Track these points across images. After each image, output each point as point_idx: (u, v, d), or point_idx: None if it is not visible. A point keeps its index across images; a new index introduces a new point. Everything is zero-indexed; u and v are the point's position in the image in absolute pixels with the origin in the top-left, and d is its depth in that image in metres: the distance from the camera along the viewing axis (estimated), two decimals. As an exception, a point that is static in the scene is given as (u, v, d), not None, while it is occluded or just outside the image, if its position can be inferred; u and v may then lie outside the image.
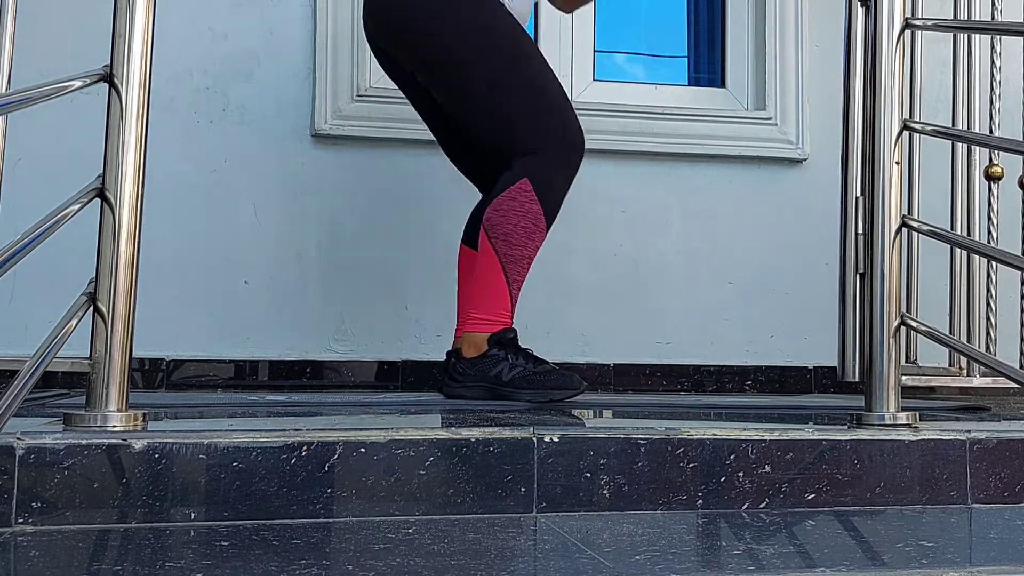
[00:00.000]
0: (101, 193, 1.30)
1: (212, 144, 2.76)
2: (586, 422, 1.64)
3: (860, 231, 1.60)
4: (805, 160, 3.07)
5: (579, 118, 2.25)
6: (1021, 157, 2.45)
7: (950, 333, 2.32)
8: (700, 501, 1.35)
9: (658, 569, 1.02)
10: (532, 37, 2.45)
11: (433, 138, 2.75)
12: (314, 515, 1.24)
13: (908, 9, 1.63)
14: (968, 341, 2.32)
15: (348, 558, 1.06)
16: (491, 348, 2.09)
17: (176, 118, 2.73)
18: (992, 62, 2.43)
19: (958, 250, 2.38)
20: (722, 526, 1.28)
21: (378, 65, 2.87)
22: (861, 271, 1.59)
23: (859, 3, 1.65)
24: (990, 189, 2.42)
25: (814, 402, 2.36)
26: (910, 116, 2.34)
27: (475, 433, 1.31)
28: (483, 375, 2.08)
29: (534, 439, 1.31)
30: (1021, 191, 2.47)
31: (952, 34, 2.47)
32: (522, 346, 2.13)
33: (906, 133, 1.63)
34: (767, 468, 1.37)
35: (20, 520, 1.15)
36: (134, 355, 1.33)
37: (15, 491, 1.16)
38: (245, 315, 2.75)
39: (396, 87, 2.85)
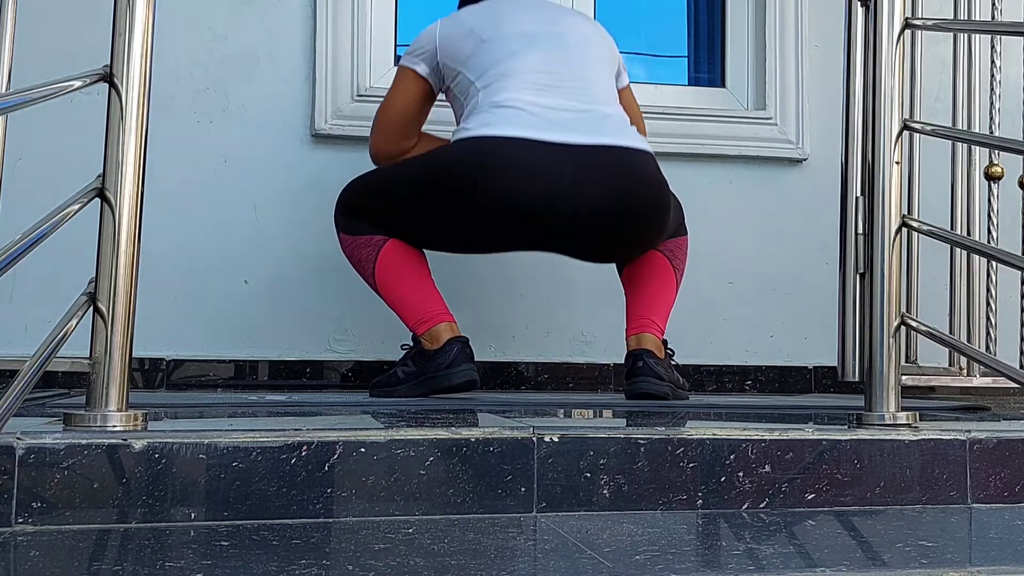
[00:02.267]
0: (101, 193, 1.30)
1: (212, 144, 2.76)
2: (586, 422, 1.64)
3: (860, 231, 1.60)
4: (805, 160, 3.07)
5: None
6: (1021, 157, 2.45)
7: (950, 333, 2.32)
8: (700, 501, 1.35)
9: (658, 569, 1.02)
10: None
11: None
12: (314, 515, 1.24)
13: (908, 9, 1.63)
14: (968, 341, 2.32)
15: (348, 558, 1.06)
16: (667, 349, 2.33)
17: (176, 118, 2.73)
18: (992, 62, 2.43)
19: (958, 250, 2.38)
20: (722, 526, 1.28)
21: (377, 65, 2.89)
22: (861, 271, 1.59)
23: (859, 3, 1.65)
24: (990, 189, 2.42)
25: (814, 402, 2.36)
26: (910, 116, 2.34)
27: (475, 433, 1.31)
28: (671, 375, 2.27)
29: (534, 439, 1.31)
30: (1021, 191, 2.47)
31: (952, 34, 2.47)
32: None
33: (906, 133, 1.63)
34: (767, 468, 1.37)
35: (20, 520, 1.15)
36: (134, 355, 1.33)
37: (15, 491, 1.16)
38: (245, 315, 2.75)
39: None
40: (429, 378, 2.14)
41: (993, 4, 2.45)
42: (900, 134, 1.58)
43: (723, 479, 1.35)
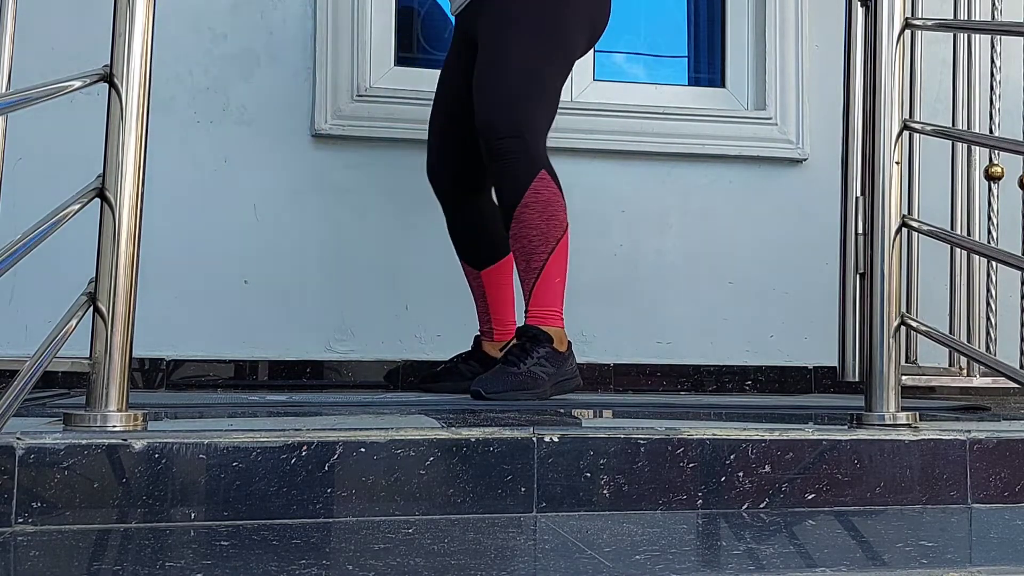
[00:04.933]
0: (101, 193, 1.30)
1: (212, 144, 2.76)
2: (586, 422, 1.64)
3: (860, 231, 1.60)
4: (805, 160, 3.07)
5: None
6: (1021, 157, 2.45)
7: (950, 333, 2.32)
8: (700, 501, 1.35)
9: (658, 569, 1.02)
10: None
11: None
12: (314, 515, 1.24)
13: (908, 9, 1.63)
14: (968, 341, 2.31)
15: (348, 558, 1.06)
16: None
17: (176, 118, 2.73)
18: (992, 62, 2.43)
19: (958, 250, 2.38)
20: (722, 526, 1.28)
21: (378, 65, 2.89)
22: (861, 271, 1.59)
23: (859, 3, 1.65)
24: (990, 189, 2.42)
25: (814, 402, 2.36)
26: (910, 116, 2.34)
27: (475, 433, 1.31)
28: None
29: (534, 439, 1.31)
30: (1021, 191, 2.46)
31: (952, 34, 2.47)
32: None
33: (906, 133, 1.63)
34: (767, 468, 1.37)
35: (20, 520, 1.15)
36: (134, 355, 1.33)
37: (15, 491, 1.16)
38: (245, 315, 2.75)
39: (396, 87, 2.86)
40: (566, 381, 2.18)
41: (993, 4, 2.45)
42: (900, 134, 1.58)
43: (723, 479, 1.35)
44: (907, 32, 1.63)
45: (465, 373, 2.38)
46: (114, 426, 1.26)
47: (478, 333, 2.46)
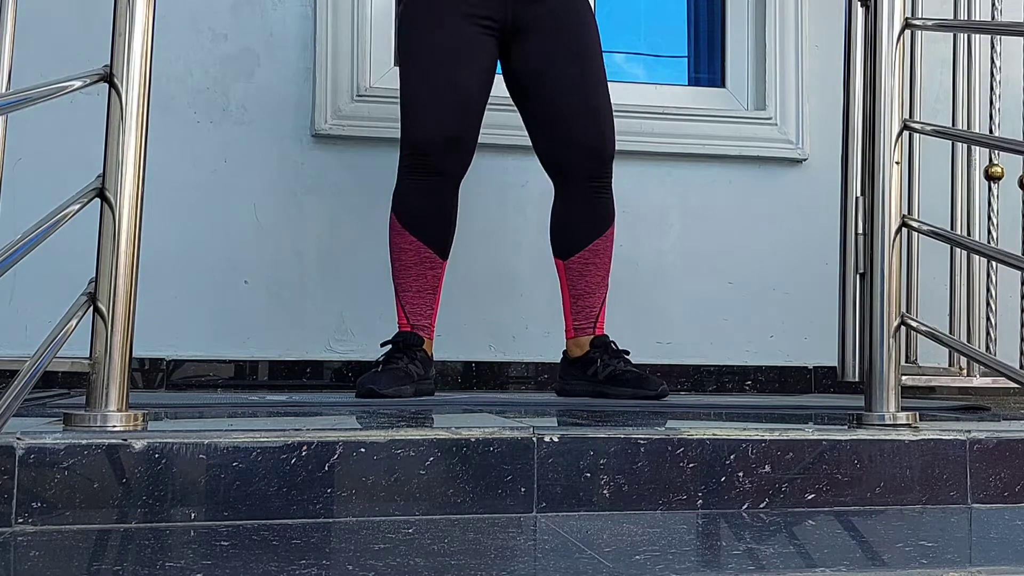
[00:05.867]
0: (101, 193, 1.30)
1: (212, 144, 2.76)
2: (586, 422, 1.63)
3: (860, 231, 1.60)
4: (805, 160, 3.07)
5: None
6: (1021, 157, 2.45)
7: (950, 333, 2.32)
8: (700, 501, 1.35)
9: (658, 569, 1.02)
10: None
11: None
12: (314, 515, 1.24)
13: (908, 9, 1.63)
14: (968, 341, 2.32)
15: (348, 558, 1.06)
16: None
17: (176, 118, 2.73)
18: (992, 62, 2.43)
19: (958, 250, 2.38)
20: (722, 526, 1.28)
21: (378, 65, 2.89)
22: (861, 271, 1.59)
23: (859, 3, 1.65)
24: (990, 189, 2.42)
25: (814, 402, 2.36)
26: (910, 116, 2.34)
27: (475, 433, 1.31)
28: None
29: (534, 439, 1.31)
30: (1021, 191, 2.47)
31: (952, 34, 2.47)
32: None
33: (906, 133, 1.63)
34: (767, 468, 1.37)
35: (20, 520, 1.15)
36: (134, 355, 1.33)
37: (15, 491, 1.16)
38: (245, 315, 2.75)
39: (396, 87, 2.86)
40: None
41: (993, 4, 2.45)
42: (900, 134, 1.58)
43: (723, 479, 1.35)
44: (907, 32, 1.63)
45: (413, 375, 2.25)
46: (114, 426, 1.26)
47: (409, 329, 2.33)
